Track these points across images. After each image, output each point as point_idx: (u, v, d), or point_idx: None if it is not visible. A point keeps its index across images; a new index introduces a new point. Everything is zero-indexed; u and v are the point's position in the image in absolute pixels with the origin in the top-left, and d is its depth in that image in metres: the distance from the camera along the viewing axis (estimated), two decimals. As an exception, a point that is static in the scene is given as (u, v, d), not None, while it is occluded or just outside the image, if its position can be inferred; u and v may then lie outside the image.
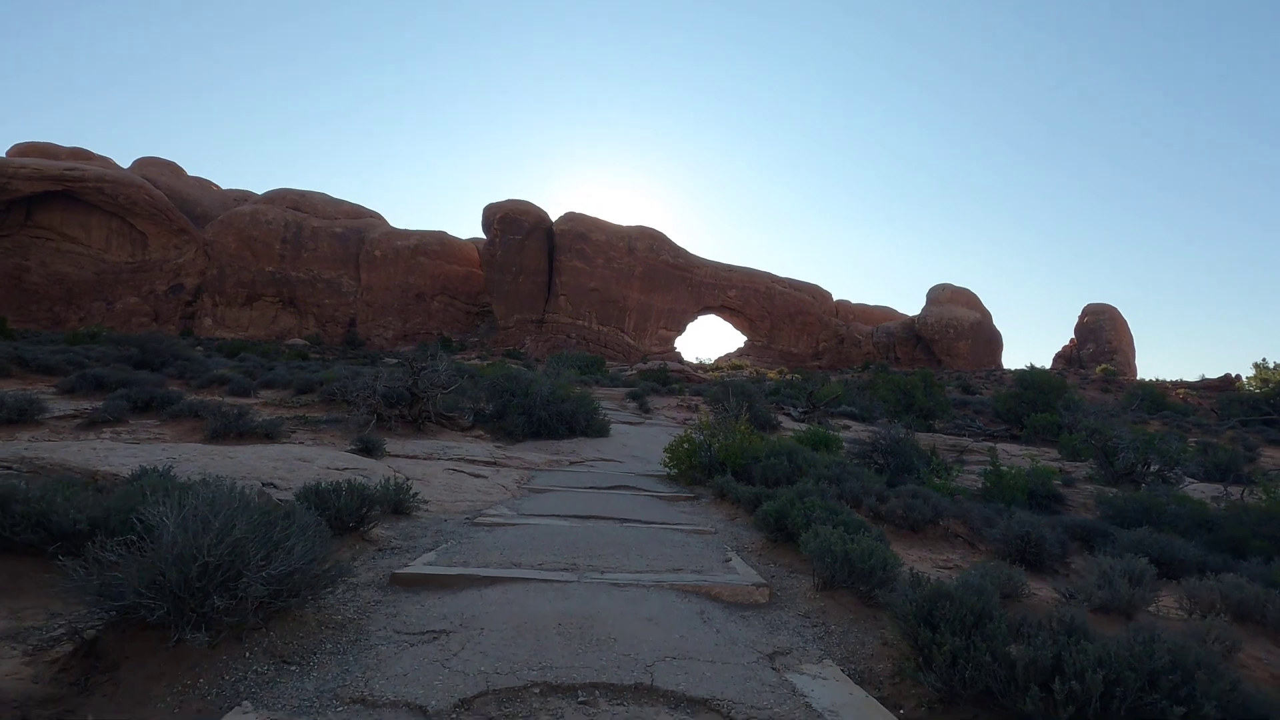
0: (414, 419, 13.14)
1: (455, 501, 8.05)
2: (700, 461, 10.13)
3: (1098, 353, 59.44)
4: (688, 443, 10.46)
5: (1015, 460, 20.04)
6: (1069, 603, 4.55)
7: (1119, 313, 61.98)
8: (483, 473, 9.81)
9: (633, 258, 60.33)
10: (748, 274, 65.03)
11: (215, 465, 7.51)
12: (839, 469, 9.52)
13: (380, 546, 5.74)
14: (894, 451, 15.07)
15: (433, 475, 9.11)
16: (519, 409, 14.89)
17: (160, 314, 59.26)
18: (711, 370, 61.30)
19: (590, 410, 15.82)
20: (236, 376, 17.60)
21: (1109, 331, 60.00)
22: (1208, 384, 46.66)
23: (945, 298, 62.41)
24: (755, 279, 64.82)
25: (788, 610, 4.51)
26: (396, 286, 62.32)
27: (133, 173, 59.70)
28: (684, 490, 9.78)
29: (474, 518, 7.10)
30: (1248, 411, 31.19)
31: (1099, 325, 60.47)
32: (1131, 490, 15.17)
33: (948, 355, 59.51)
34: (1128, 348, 60.67)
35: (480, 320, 63.99)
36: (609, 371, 36.93)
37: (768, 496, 7.46)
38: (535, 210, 60.26)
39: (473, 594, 4.31)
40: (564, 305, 58.54)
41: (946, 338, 59.85)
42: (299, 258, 62.45)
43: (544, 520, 7.08)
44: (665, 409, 22.77)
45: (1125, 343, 60.79)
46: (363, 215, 65.98)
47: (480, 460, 10.91)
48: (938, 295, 63.20)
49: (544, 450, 13.30)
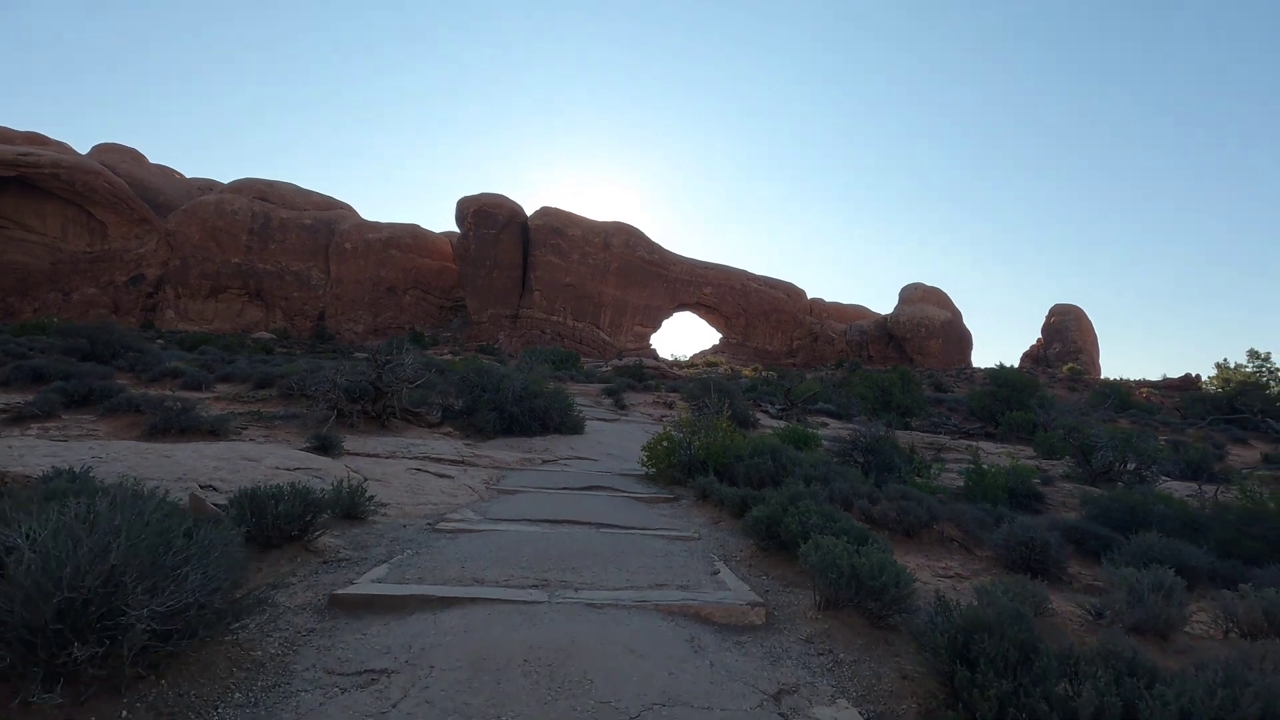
0: (378, 415, 12.38)
1: (417, 504, 7.36)
2: (680, 460, 9.55)
3: (1063, 352, 60.21)
4: (667, 441, 9.88)
5: (993, 459, 19.83)
6: (1101, 623, 4.05)
7: (1084, 313, 62.86)
8: (449, 472, 9.12)
9: (608, 253, 59.59)
10: (724, 271, 64.69)
11: (146, 466, 6.74)
12: (825, 469, 9.01)
13: (326, 558, 5.05)
14: (874, 450, 14.67)
15: (394, 475, 8.40)
16: (490, 405, 14.18)
17: (120, 306, 57.11)
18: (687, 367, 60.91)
19: (564, 406, 15.17)
20: (191, 369, 16.62)
21: (1074, 331, 60.80)
22: (1170, 383, 47.41)
23: (917, 297, 62.71)
24: (731, 276, 64.50)
25: (788, 634, 3.94)
26: (367, 280, 60.82)
27: (91, 159, 57.36)
28: (663, 491, 9.20)
29: (436, 523, 6.43)
30: (1210, 410, 31.58)
31: (1065, 325, 61.26)
32: (1108, 488, 14.98)
33: (919, 354, 59.80)
34: (1092, 347, 61.56)
35: (453, 315, 62.76)
36: (584, 367, 36.24)
37: (755, 499, 6.90)
38: (510, 204, 59.21)
39: (425, 619, 3.67)
40: (539, 300, 57.62)
41: (918, 336, 60.13)
42: (266, 249, 60.62)
43: (513, 526, 6.43)
44: (641, 405, 22.19)
45: (1090, 342, 61.67)
46: (333, 207, 64.30)
47: (447, 459, 10.21)
48: (910, 294, 63.49)
49: (516, 448, 12.62)
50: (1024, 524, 6.62)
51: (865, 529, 5.41)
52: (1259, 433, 25.57)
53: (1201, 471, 16.68)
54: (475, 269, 57.52)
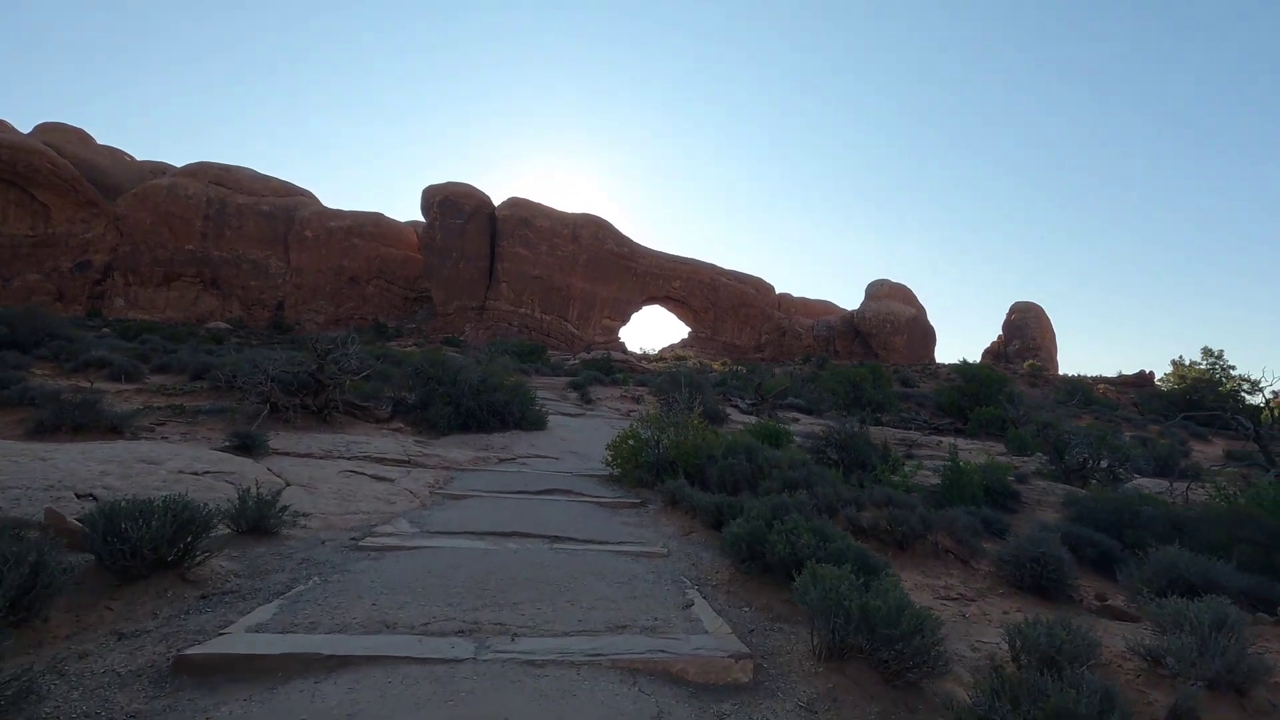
0: (319, 410, 11.22)
1: (345, 514, 6.32)
2: (647, 461, 8.64)
3: (1023, 349, 60.87)
4: (633, 439, 8.95)
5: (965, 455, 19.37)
6: (1163, 673, 3.25)
7: (1043, 310, 63.63)
8: (389, 474, 8.07)
9: (577, 245, 58.37)
10: (693, 265, 63.94)
11: (13, 471, 5.59)
12: (804, 470, 8.18)
13: (207, 590, 4.02)
14: (849, 447, 13.98)
15: (323, 479, 7.33)
16: (445, 399, 13.09)
17: (65, 293, 54.19)
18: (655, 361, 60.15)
19: (526, 401, 14.14)
20: (121, 359, 15.17)
21: (1034, 329, 61.50)
22: (1125, 380, 48.07)
23: (883, 293, 62.79)
24: (700, 270, 63.78)
25: (782, 697, 3.05)
26: (329, 269, 58.68)
27: (34, 139, 54.15)
28: (628, 495, 8.29)
29: (362, 538, 5.43)
30: (1168, 406, 31.81)
31: (1025, 322, 61.92)
32: (1083, 486, 14.52)
33: (884, 349, 59.88)
34: (1050, 344, 62.34)
35: (418, 306, 60.95)
36: (550, 360, 35.12)
37: (732, 508, 6.01)
38: (477, 194, 57.59)
39: (301, 693, 2.68)
40: (506, 292, 56.18)
41: (884, 332, 60.21)
42: (222, 236, 58.01)
43: (451, 541, 5.45)
44: (608, 400, 21.24)
45: (1048, 339, 62.45)
46: (293, 193, 61.88)
47: (391, 458, 9.14)
48: (876, 291, 63.55)
49: (470, 446, 11.59)
50: (1033, 539, 5.86)
51: (864, 549, 4.56)
52: (1217, 430, 25.67)
53: (1170, 469, 16.38)
54: (441, 259, 55.84)
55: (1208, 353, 32.44)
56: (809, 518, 5.30)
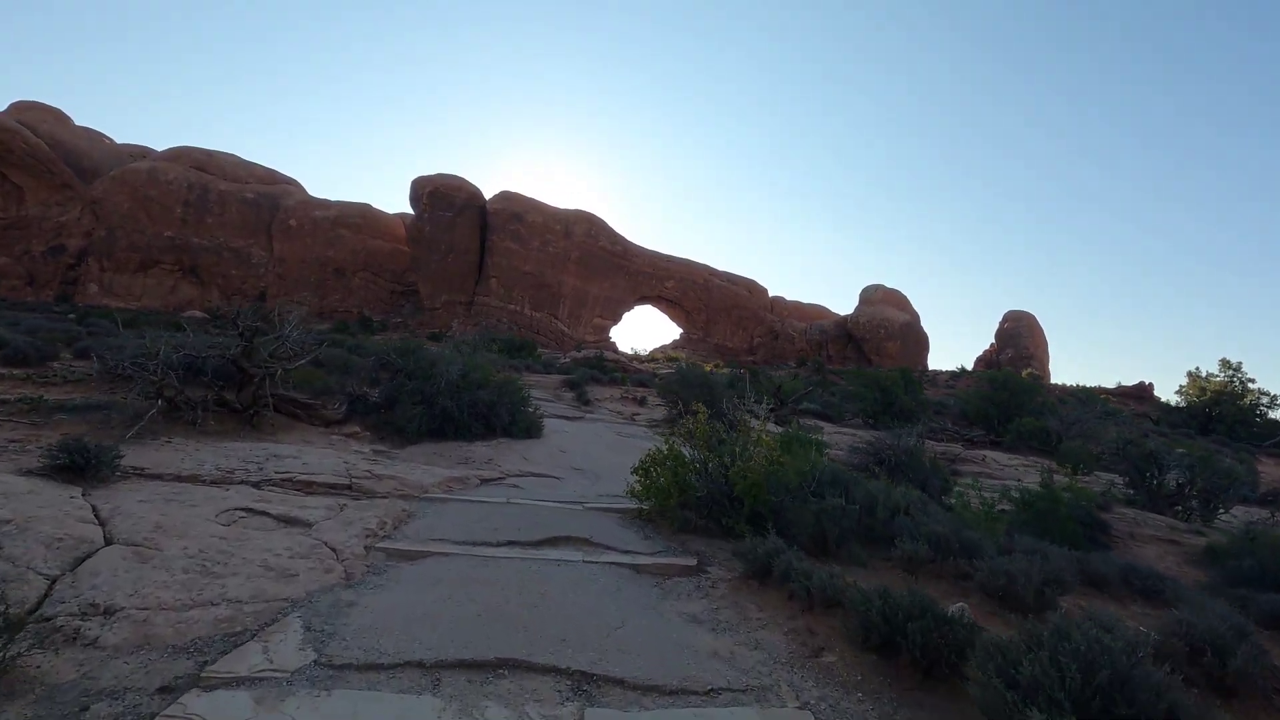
0: (245, 408, 8.18)
1: (190, 609, 3.34)
2: (698, 496, 5.71)
3: (1016, 357, 58.66)
4: (674, 460, 6.02)
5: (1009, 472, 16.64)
6: None
7: (1036, 320, 61.49)
8: (308, 514, 5.07)
9: (569, 242, 55.30)
10: (686, 265, 61.11)
11: None
12: (945, 519, 5.31)
13: None
14: (904, 465, 11.19)
15: (182, 530, 4.33)
16: (415, 396, 10.08)
17: (36, 278, 50.36)
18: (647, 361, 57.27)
19: (517, 401, 11.15)
20: (20, 339, 12.03)
21: (1027, 338, 59.28)
22: (1125, 391, 45.87)
23: (877, 298, 60.33)
24: (694, 270, 60.95)
25: None
26: (313, 260, 55.12)
27: (8, 117, 50.21)
28: (671, 546, 5.36)
29: (180, 688, 2.46)
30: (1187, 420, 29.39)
31: (1018, 331, 59.70)
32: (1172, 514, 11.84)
33: (877, 354, 57.41)
34: (1043, 353, 60.17)
35: (405, 300, 57.53)
36: (541, 356, 32.06)
37: (911, 611, 3.12)
38: (468, 187, 54.37)
39: None
40: (495, 288, 52.97)
41: (877, 337, 57.76)
42: (203, 223, 54.28)
43: (372, 699, 2.50)
44: (608, 401, 18.30)
45: (1041, 349, 60.27)
46: (277, 181, 58.28)
47: (323, 483, 6.13)
48: (870, 295, 61.08)
49: (445, 458, 8.61)
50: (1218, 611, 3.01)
51: None
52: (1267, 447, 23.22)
53: (1267, 497, 13.78)
54: (429, 253, 52.56)
55: (1226, 364, 30.11)
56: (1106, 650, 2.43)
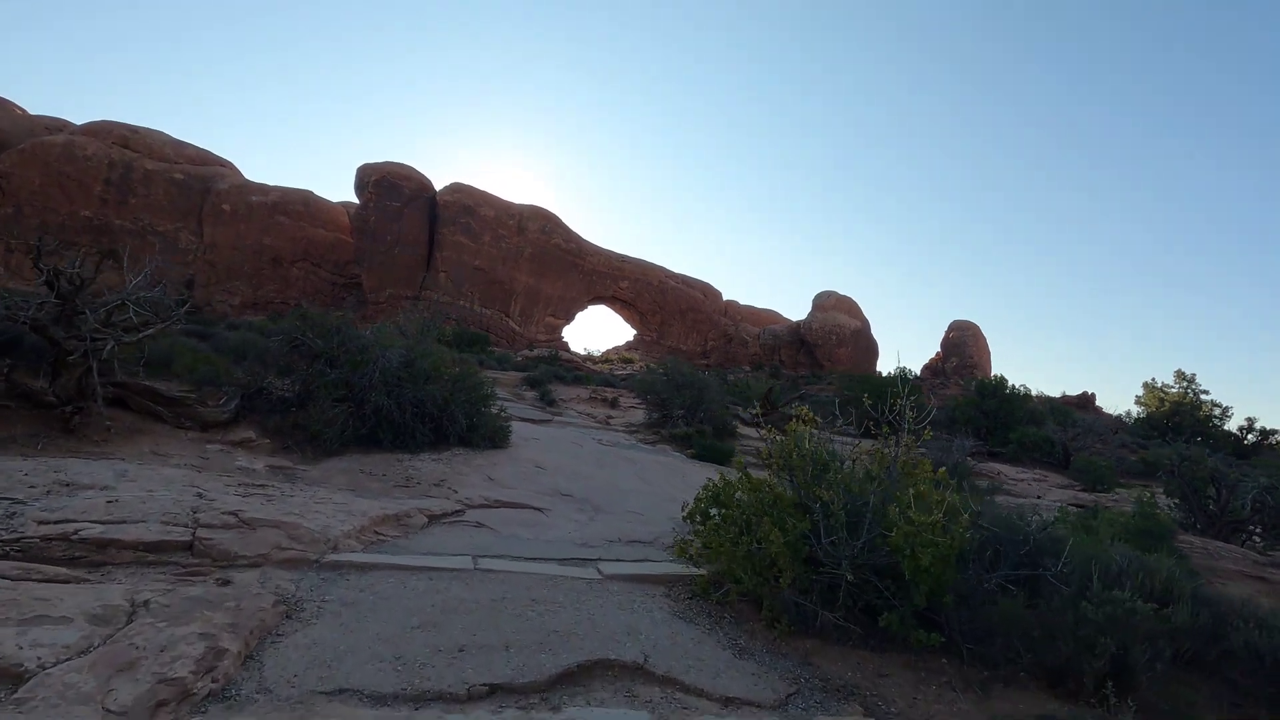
0: (64, 401, 5.27)
1: None
2: (818, 572, 3.23)
3: (960, 366, 58.73)
4: (777, 507, 3.51)
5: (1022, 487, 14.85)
6: None
7: (980, 329, 61.83)
8: (23, 649, 2.39)
9: (523, 238, 52.21)
10: (641, 266, 58.81)
11: None
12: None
13: None
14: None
15: None
16: (338, 391, 7.29)
17: (-75, 256, 43.92)
18: (601, 362, 54.63)
19: (477, 398, 8.47)
20: None
21: (971, 346, 59.47)
22: (1068, 400, 45.90)
23: (829, 304, 59.48)
24: (649, 272, 58.72)
25: None
26: (248, 248, 50.24)
27: (-108, 75, 43.83)
28: (780, 659, 2.91)
29: None
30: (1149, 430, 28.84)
31: (963, 340, 59.82)
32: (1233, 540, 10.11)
33: (829, 360, 56.47)
34: (986, 362, 60.49)
35: (347, 293, 53.21)
36: (494, 353, 29.05)
37: None
38: (418, 176, 50.61)
39: None
40: (444, 283, 49.37)
41: (829, 343, 56.81)
42: (126, 204, 48.73)
43: None
44: (574, 402, 15.69)
45: (984, 358, 60.60)
46: (210, 163, 53.08)
47: (134, 544, 3.41)
48: (822, 302, 60.19)
49: (377, 477, 5.90)
50: None
51: None
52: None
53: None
54: (375, 244, 48.57)
55: (1180, 376, 29.81)
56: None
